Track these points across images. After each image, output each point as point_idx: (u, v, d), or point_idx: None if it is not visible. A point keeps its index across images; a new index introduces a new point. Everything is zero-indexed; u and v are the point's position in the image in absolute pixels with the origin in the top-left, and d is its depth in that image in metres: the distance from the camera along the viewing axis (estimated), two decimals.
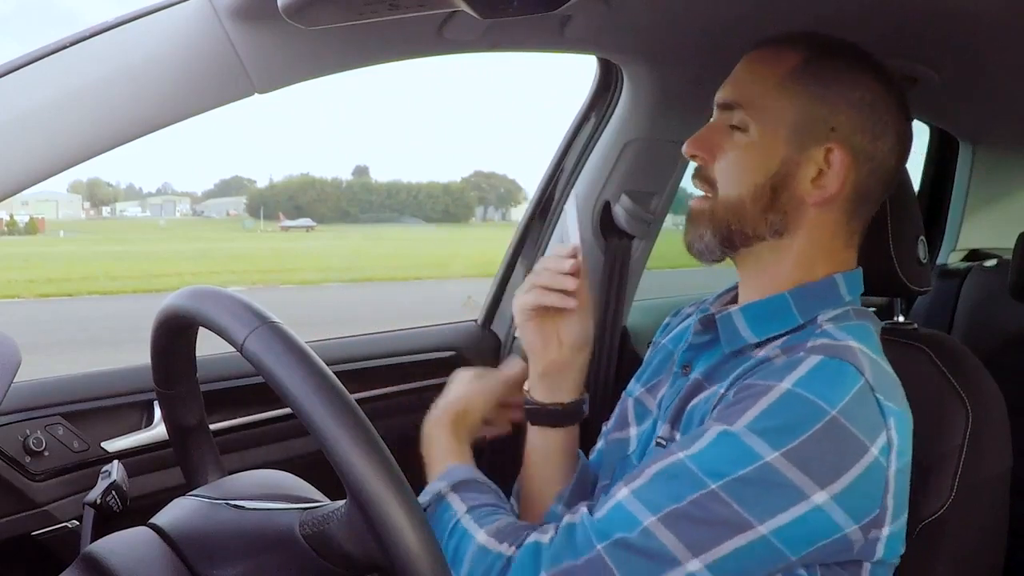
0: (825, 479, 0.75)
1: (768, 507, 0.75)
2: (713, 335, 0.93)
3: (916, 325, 1.13)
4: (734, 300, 1.00)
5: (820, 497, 0.75)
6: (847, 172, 0.89)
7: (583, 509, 0.82)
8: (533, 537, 0.82)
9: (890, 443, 0.79)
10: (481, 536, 0.84)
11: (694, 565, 0.75)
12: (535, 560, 0.79)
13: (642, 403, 1.01)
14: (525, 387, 0.99)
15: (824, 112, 0.90)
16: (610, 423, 1.06)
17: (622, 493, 0.80)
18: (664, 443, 0.91)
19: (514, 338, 1.57)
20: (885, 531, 0.80)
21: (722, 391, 0.86)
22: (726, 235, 0.92)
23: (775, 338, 0.89)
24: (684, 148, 0.94)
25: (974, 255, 2.38)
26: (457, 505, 0.88)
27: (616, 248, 1.58)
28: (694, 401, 0.90)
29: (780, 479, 0.75)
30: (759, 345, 0.89)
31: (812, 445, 0.76)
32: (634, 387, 1.05)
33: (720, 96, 0.94)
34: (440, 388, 0.99)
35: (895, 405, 0.81)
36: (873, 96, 0.91)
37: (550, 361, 0.95)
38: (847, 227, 0.92)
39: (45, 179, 0.83)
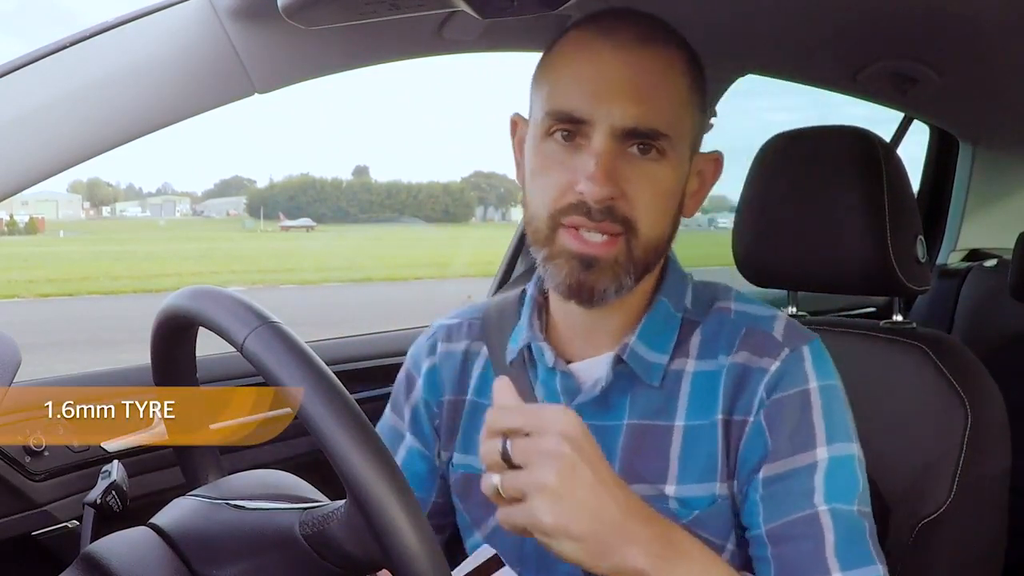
0: None
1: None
2: (623, 373, 0.84)
3: (915, 324, 1.13)
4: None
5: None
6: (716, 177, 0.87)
7: None
8: None
9: None
10: None
11: None
12: None
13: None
14: None
15: (703, 123, 0.85)
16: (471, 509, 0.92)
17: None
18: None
19: None
20: None
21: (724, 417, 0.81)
22: (642, 275, 0.83)
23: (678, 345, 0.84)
24: (593, 192, 0.76)
25: (974, 255, 2.38)
26: None
27: None
28: (667, 443, 0.82)
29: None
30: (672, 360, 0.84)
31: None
32: (472, 460, 0.92)
33: (627, 120, 0.77)
34: None
35: None
36: None
37: None
38: None
39: (45, 179, 0.84)
